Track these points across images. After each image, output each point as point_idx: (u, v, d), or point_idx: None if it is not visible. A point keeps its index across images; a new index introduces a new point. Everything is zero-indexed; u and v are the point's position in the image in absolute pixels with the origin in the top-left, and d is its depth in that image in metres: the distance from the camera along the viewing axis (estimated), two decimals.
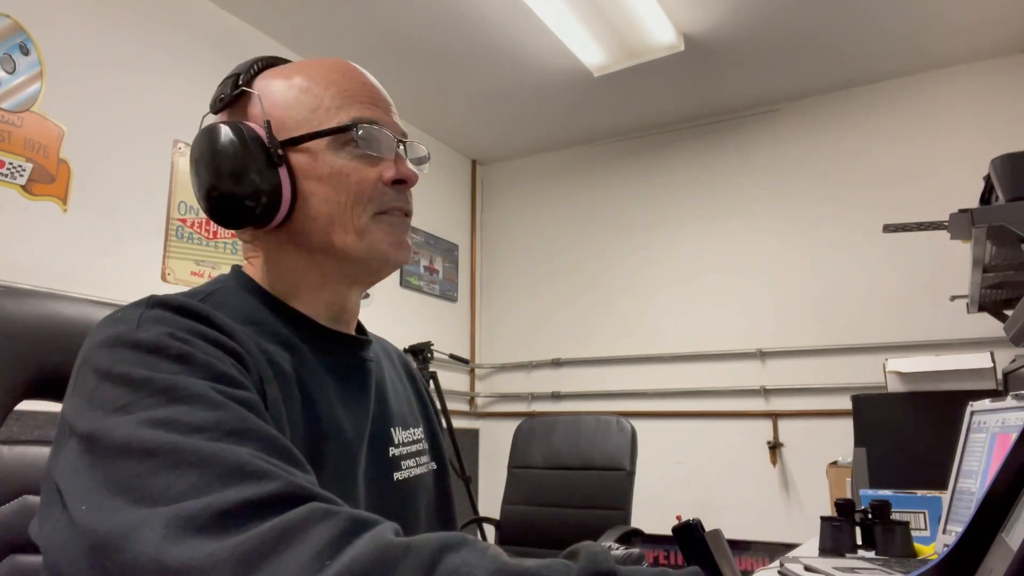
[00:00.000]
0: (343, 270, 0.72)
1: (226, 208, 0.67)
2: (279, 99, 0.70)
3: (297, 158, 0.69)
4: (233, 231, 0.73)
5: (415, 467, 0.79)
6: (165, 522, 0.43)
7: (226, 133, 0.67)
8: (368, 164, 0.70)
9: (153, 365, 0.52)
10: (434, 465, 0.84)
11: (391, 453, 0.76)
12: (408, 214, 0.74)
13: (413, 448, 0.80)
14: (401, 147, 0.73)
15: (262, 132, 0.68)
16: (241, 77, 0.72)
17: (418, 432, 0.82)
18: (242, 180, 0.66)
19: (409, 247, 0.73)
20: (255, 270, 0.74)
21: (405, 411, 0.82)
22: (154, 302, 0.59)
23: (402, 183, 0.72)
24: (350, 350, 0.75)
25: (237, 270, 0.74)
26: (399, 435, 0.78)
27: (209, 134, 0.68)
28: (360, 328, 0.82)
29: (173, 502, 0.44)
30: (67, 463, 0.50)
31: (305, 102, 0.70)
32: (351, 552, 0.41)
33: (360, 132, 0.68)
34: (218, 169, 0.67)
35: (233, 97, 0.71)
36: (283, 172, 0.68)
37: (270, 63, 0.75)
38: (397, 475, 0.76)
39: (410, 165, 0.73)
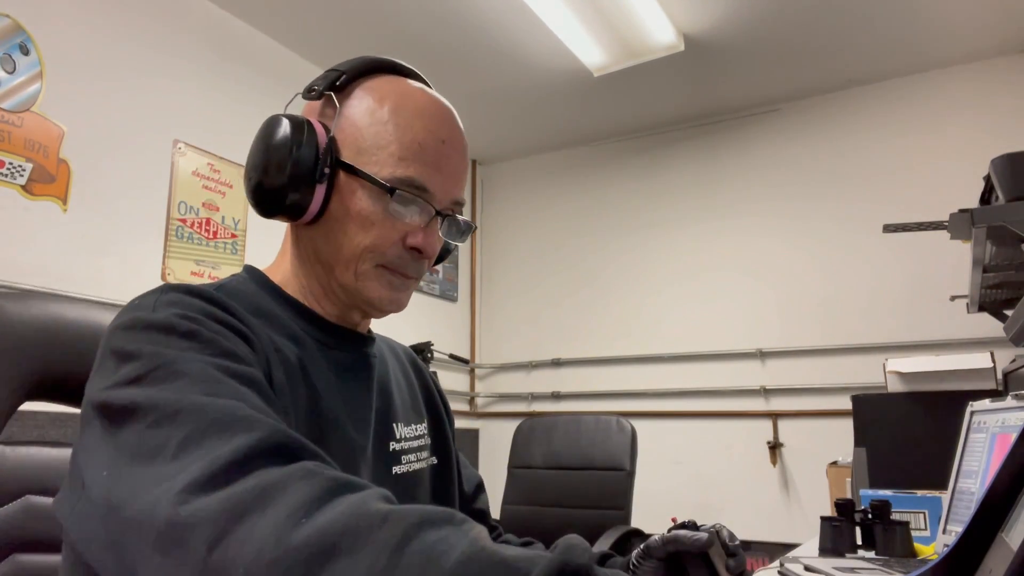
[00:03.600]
0: (338, 294, 0.75)
1: (260, 194, 0.71)
2: (357, 119, 0.72)
3: (343, 180, 0.71)
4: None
5: (415, 462, 0.81)
6: (159, 480, 0.45)
7: (286, 130, 0.70)
8: (398, 223, 0.71)
9: (163, 342, 0.56)
10: (435, 460, 0.86)
11: (391, 448, 0.78)
12: (416, 278, 0.76)
13: (415, 443, 0.82)
14: (440, 219, 0.74)
15: (323, 144, 0.70)
16: (343, 78, 0.73)
17: (421, 428, 0.85)
18: (282, 178, 0.69)
19: (402, 304, 0.75)
20: (275, 267, 0.78)
21: (409, 407, 0.85)
22: (168, 287, 0.63)
23: (419, 252, 0.73)
24: (353, 345, 0.78)
25: (251, 268, 0.77)
26: (400, 430, 0.80)
27: (276, 124, 0.71)
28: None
29: (172, 457, 0.47)
30: (86, 438, 0.53)
31: (377, 135, 0.71)
32: (326, 514, 0.41)
33: (397, 195, 0.70)
34: (266, 160, 0.70)
35: (323, 93, 0.73)
36: (321, 188, 0.70)
37: (382, 68, 0.76)
38: (396, 469, 0.78)
39: (440, 238, 0.75)
